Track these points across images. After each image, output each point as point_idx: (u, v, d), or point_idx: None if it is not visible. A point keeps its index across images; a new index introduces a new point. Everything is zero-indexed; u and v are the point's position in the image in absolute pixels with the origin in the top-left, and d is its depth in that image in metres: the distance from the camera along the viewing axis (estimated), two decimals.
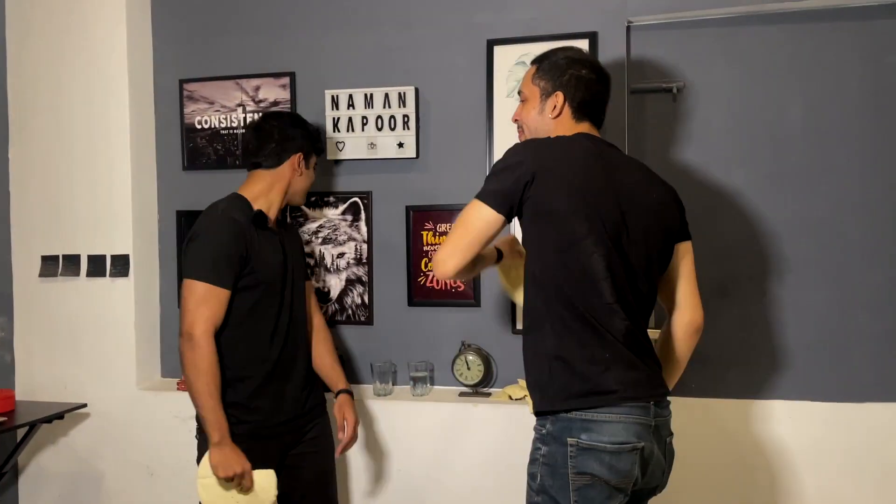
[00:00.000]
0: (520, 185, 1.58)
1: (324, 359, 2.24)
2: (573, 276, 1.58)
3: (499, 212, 1.60)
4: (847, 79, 2.26)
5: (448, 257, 1.59)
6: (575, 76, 1.71)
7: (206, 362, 1.90)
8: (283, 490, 2.13)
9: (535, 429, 1.64)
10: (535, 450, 1.62)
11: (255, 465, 1.98)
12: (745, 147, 2.32)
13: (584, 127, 1.73)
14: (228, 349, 1.98)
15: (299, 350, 2.13)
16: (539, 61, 1.78)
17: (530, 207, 1.59)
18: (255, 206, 2.08)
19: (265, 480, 1.97)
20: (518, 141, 1.78)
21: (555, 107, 1.72)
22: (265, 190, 2.12)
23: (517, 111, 1.82)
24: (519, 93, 1.82)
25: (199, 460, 1.99)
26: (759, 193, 2.31)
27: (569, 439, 1.55)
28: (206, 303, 1.92)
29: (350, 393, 2.22)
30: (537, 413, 1.63)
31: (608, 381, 1.56)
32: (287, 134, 2.14)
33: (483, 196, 1.61)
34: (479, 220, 1.60)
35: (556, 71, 1.73)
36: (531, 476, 1.61)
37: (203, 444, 2.00)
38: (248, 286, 2.00)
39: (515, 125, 1.85)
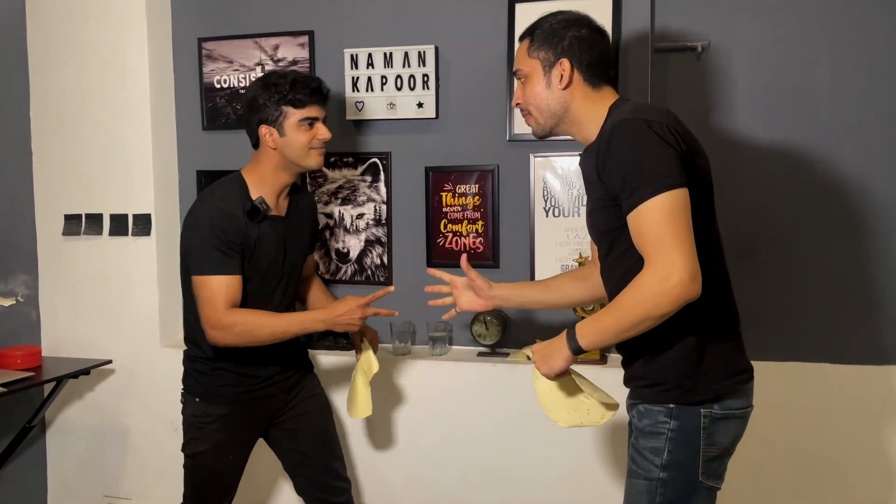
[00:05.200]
0: (681, 150, 1.43)
1: (316, 295, 2.25)
2: (716, 246, 1.53)
3: (686, 186, 1.39)
4: (875, 37, 2.21)
5: (695, 272, 1.34)
6: (576, 38, 1.57)
7: (250, 324, 1.91)
8: (285, 454, 2.19)
9: (646, 402, 1.55)
10: (656, 423, 1.52)
11: (241, 426, 2.07)
12: (771, 107, 2.29)
13: (610, 93, 1.60)
14: None
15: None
16: (530, 33, 1.62)
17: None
18: (255, 192, 1.98)
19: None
20: (527, 124, 1.66)
21: (562, 76, 1.56)
22: (261, 171, 2.00)
23: (517, 94, 1.65)
24: (515, 73, 1.65)
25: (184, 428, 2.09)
26: (784, 154, 2.28)
27: (703, 410, 1.49)
28: (218, 293, 1.91)
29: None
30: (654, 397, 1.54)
31: (743, 360, 1.57)
32: (251, 106, 1.97)
33: (666, 184, 1.37)
34: (682, 209, 1.37)
35: (553, 37, 1.57)
36: (652, 451, 1.52)
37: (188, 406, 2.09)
38: (244, 275, 1.97)
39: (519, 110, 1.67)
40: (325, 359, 2.53)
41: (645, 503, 1.53)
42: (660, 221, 1.35)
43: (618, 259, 1.53)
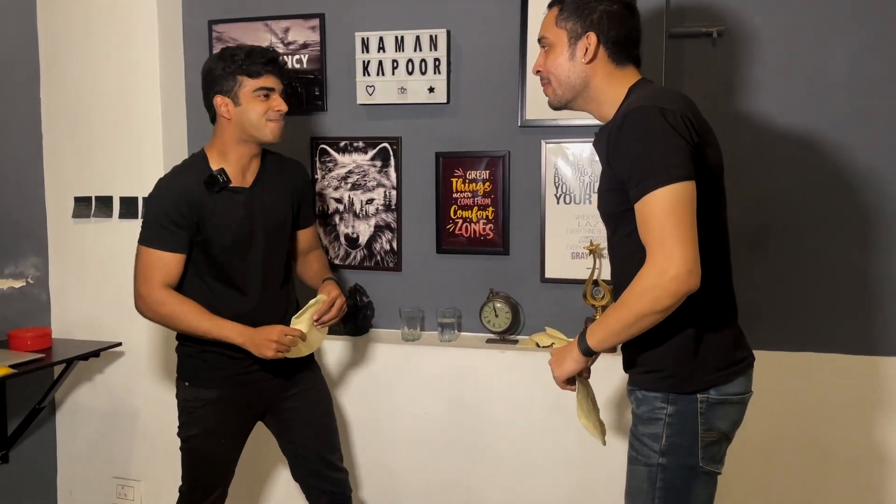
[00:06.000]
0: (693, 141, 1.42)
1: (313, 268, 2.20)
2: (720, 239, 1.54)
3: (693, 179, 1.39)
4: (894, 24, 2.17)
5: (693, 265, 1.35)
6: (607, 12, 1.54)
7: (175, 311, 1.93)
8: (281, 442, 2.19)
9: (643, 389, 1.56)
10: (653, 409, 1.53)
11: (232, 411, 2.05)
12: (786, 95, 2.25)
13: (633, 72, 1.58)
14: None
15: (273, 305, 2.07)
16: (560, 1, 1.59)
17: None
18: (215, 166, 1.98)
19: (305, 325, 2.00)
20: (545, 94, 1.65)
21: (587, 50, 1.55)
22: (220, 146, 1.99)
23: (539, 61, 1.63)
24: (540, 40, 1.63)
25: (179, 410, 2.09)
26: (799, 143, 2.26)
27: (699, 395, 1.50)
28: (153, 266, 1.94)
29: (334, 279, 2.13)
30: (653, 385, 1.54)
31: (740, 350, 1.57)
32: (208, 78, 1.97)
33: (672, 176, 1.36)
34: (687, 202, 1.37)
35: (583, 9, 1.55)
36: (651, 437, 1.53)
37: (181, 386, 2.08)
38: (203, 248, 1.97)
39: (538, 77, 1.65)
40: (328, 345, 2.53)
41: (646, 489, 1.54)
42: (663, 214, 1.36)
43: (622, 241, 1.53)
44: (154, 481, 2.70)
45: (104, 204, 2.67)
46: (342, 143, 2.59)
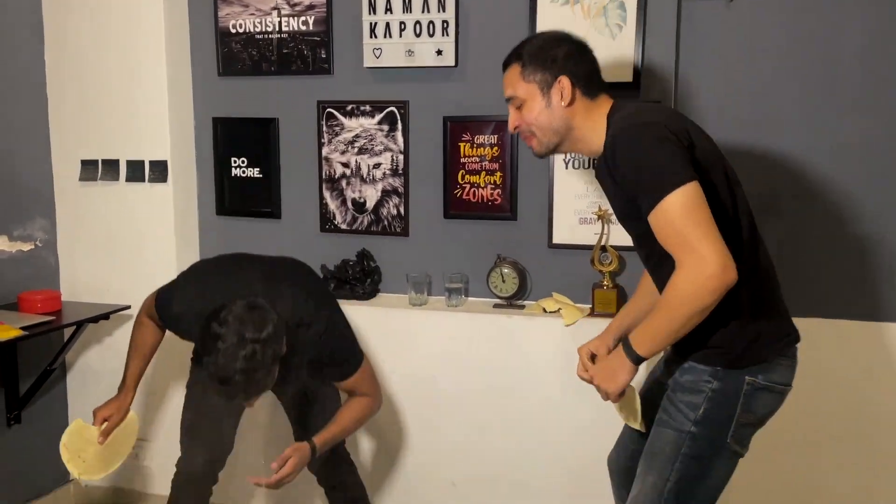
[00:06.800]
0: (687, 143, 1.47)
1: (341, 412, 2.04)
2: (742, 223, 1.55)
3: (696, 178, 1.41)
4: None
5: (726, 259, 1.36)
6: (567, 54, 1.59)
7: (132, 337, 2.16)
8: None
9: (694, 361, 1.58)
10: (699, 381, 1.55)
11: None
12: (801, 62, 2.21)
13: (605, 100, 1.61)
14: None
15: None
16: (518, 57, 1.63)
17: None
18: None
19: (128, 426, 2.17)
20: (529, 146, 1.67)
21: (562, 94, 1.58)
22: None
23: (513, 118, 1.65)
24: (509, 100, 1.65)
25: None
26: (810, 111, 2.22)
27: (748, 378, 1.53)
28: (148, 307, 2.10)
29: (314, 450, 1.94)
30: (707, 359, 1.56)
31: (789, 338, 1.60)
32: None
33: (676, 181, 1.38)
34: (698, 201, 1.39)
35: (545, 58, 1.59)
36: (689, 405, 1.55)
37: None
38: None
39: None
40: None
41: (668, 452, 1.57)
42: (676, 220, 1.38)
43: (662, 259, 1.50)
44: (162, 441, 2.74)
45: (111, 167, 2.66)
46: (349, 107, 2.56)
